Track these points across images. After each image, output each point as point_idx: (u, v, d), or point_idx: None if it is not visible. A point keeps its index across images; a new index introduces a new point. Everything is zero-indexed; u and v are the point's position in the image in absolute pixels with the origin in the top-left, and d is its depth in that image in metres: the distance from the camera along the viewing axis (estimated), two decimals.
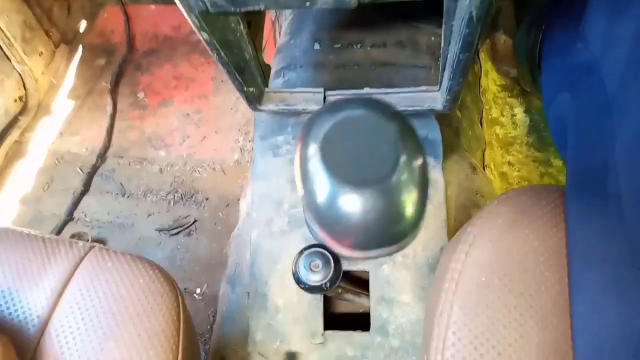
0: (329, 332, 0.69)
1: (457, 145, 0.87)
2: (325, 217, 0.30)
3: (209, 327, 1.00)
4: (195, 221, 1.14)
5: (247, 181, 1.09)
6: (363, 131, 0.27)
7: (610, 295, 0.41)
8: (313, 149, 0.27)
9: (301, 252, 0.56)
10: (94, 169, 1.23)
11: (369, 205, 0.27)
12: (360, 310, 0.80)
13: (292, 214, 0.75)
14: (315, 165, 0.27)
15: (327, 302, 0.73)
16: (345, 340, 0.69)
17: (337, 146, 0.27)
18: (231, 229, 1.00)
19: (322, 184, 0.28)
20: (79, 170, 1.24)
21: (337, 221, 0.29)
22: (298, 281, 0.55)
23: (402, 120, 0.28)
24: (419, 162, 0.28)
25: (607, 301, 0.41)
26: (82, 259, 0.53)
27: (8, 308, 0.49)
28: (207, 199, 1.18)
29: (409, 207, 0.28)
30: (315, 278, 0.55)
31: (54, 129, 1.32)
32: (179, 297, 0.51)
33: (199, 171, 1.21)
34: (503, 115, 1.18)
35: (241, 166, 1.21)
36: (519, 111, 1.19)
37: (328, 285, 0.55)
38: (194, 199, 1.18)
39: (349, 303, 0.80)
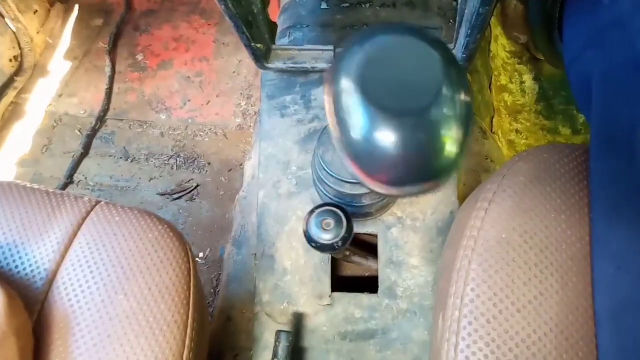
0: (336, 294, 0.69)
1: None
2: (361, 151, 0.28)
3: (212, 290, 1.00)
4: (197, 185, 1.13)
5: (250, 145, 1.07)
6: (402, 58, 0.25)
7: (634, 253, 0.40)
8: (347, 80, 0.26)
9: (312, 211, 0.55)
10: (94, 131, 1.21)
11: (408, 136, 0.25)
12: (367, 274, 0.79)
13: (300, 176, 0.74)
14: (351, 97, 0.26)
15: (334, 265, 0.72)
16: (353, 302, 0.68)
17: (374, 75, 0.25)
18: (234, 194, 0.99)
19: (358, 116, 0.26)
20: (78, 133, 1.21)
21: (373, 155, 0.27)
22: (309, 239, 0.54)
23: (444, 47, 0.26)
24: (463, 93, 0.27)
25: (631, 260, 0.40)
26: (88, 212, 0.51)
27: (14, 261, 0.48)
28: (209, 163, 1.16)
29: (451, 141, 0.27)
30: (326, 236, 0.54)
31: (51, 90, 1.28)
32: (189, 253, 0.50)
33: (200, 135, 1.19)
34: (512, 82, 1.16)
35: (243, 131, 1.19)
36: (527, 78, 1.16)
37: (340, 244, 0.54)
38: (196, 163, 1.16)
39: (356, 266, 0.79)
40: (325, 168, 0.62)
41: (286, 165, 0.74)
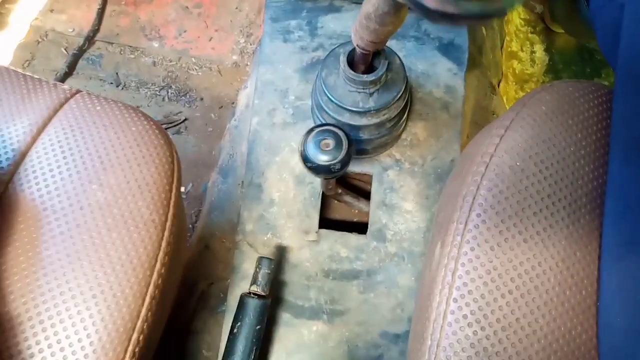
0: (323, 231, 0.66)
1: (480, 62, 0.81)
2: None
3: (190, 226, 0.96)
4: (185, 119, 1.08)
5: (243, 83, 1.02)
6: None
7: None
8: None
9: (312, 130, 0.51)
10: (81, 51, 1.14)
11: None
12: (356, 220, 0.76)
13: (298, 106, 0.69)
14: None
15: (324, 204, 0.69)
16: (340, 241, 0.65)
17: None
18: (222, 132, 0.94)
19: None
20: (64, 51, 1.14)
21: None
22: (305, 159, 0.50)
23: None
24: None
25: None
26: (67, 99, 0.46)
27: None
28: (201, 98, 1.10)
29: None
30: (324, 158, 0.50)
31: (39, 4, 1.20)
32: (174, 154, 0.46)
33: (195, 69, 1.13)
34: (522, 51, 1.12)
35: (239, 69, 1.13)
36: (539, 49, 1.13)
37: (338, 167, 0.50)
38: (187, 97, 1.10)
39: (346, 210, 0.76)
40: (327, 92, 0.58)
41: (284, 93, 0.70)
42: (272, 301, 0.61)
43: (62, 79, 1.10)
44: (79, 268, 0.39)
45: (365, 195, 0.70)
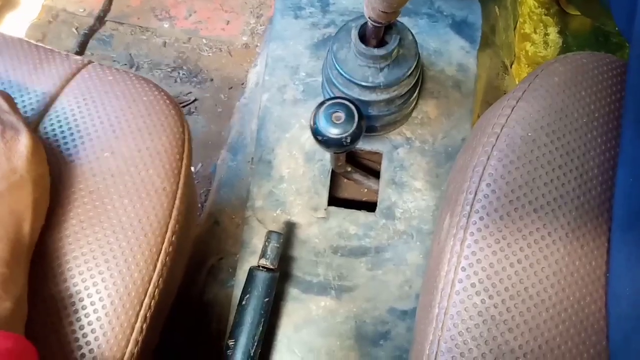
0: (332, 208, 0.66)
1: (492, 41, 0.80)
2: None
3: (200, 205, 0.96)
4: (195, 100, 1.08)
5: (253, 62, 1.01)
6: None
7: None
8: None
9: (323, 103, 0.51)
10: (91, 31, 1.14)
11: None
12: (365, 199, 0.76)
13: (308, 83, 0.69)
14: None
15: (333, 183, 0.69)
16: (349, 218, 0.65)
17: None
18: (231, 112, 0.94)
19: None
20: (75, 31, 1.15)
21: None
22: (316, 132, 0.50)
23: None
24: None
25: None
26: (79, 69, 0.47)
27: None
28: (211, 79, 1.11)
29: None
30: (335, 131, 0.50)
31: None
32: (185, 124, 0.46)
33: (205, 50, 1.13)
34: (536, 33, 1.10)
35: (249, 50, 1.13)
36: (552, 31, 1.11)
37: (349, 140, 0.50)
38: (198, 77, 1.10)
39: (355, 189, 0.76)
40: (337, 66, 0.57)
41: (295, 70, 0.70)
42: (281, 276, 0.61)
43: None
44: (92, 234, 0.39)
45: (375, 174, 0.70)
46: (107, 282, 0.39)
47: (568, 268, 0.38)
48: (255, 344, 0.53)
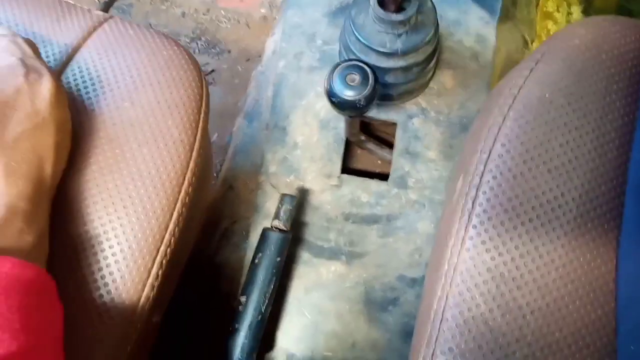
0: (345, 176, 0.66)
1: (513, 15, 0.79)
2: None
3: (215, 174, 0.98)
4: (212, 70, 1.09)
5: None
6: None
7: None
8: None
9: (337, 64, 0.51)
10: (112, 0, 1.15)
11: None
12: (378, 171, 0.77)
13: (325, 51, 0.69)
14: None
15: (347, 152, 0.69)
16: (362, 186, 0.66)
17: None
18: (249, 84, 0.95)
19: None
20: (96, 0, 1.16)
21: None
22: (330, 94, 0.51)
23: None
24: None
25: None
26: (101, 23, 0.47)
27: None
28: (229, 51, 1.11)
29: None
30: (350, 93, 0.50)
31: None
32: (203, 80, 0.47)
33: (224, 22, 1.13)
34: (558, 11, 1.08)
35: (267, 22, 1.13)
36: (575, 10, 1.09)
37: (363, 103, 0.50)
38: (216, 49, 1.11)
39: (368, 160, 0.76)
40: (355, 32, 0.57)
41: (311, 37, 0.70)
42: (293, 241, 0.62)
43: None
44: (111, 180, 0.41)
45: (389, 145, 0.70)
46: (125, 227, 0.40)
47: (579, 229, 0.38)
48: (266, 301, 0.55)
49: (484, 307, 0.37)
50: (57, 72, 0.44)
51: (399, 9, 0.55)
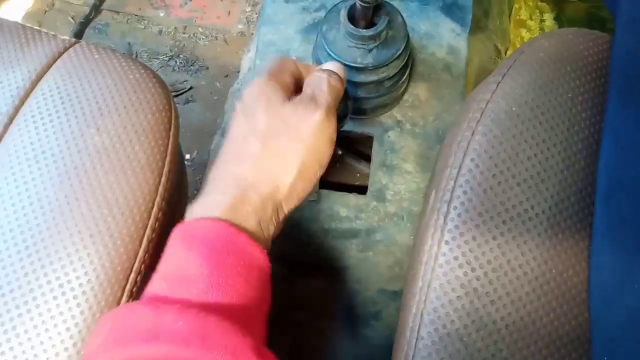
0: (323, 191, 0.66)
1: (485, 25, 0.80)
2: None
3: (195, 191, 0.97)
4: (191, 88, 1.08)
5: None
6: None
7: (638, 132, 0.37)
8: None
9: None
10: (88, 20, 1.14)
11: None
12: (357, 183, 0.76)
13: None
14: None
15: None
16: (340, 201, 0.66)
17: None
18: (226, 101, 0.95)
19: None
20: (71, 20, 1.15)
21: None
22: None
23: None
24: None
25: (634, 139, 0.37)
26: (66, 49, 0.47)
27: None
28: (207, 67, 1.11)
29: None
30: None
31: None
32: (171, 102, 0.46)
33: (201, 38, 1.13)
34: (531, 19, 1.10)
35: (245, 38, 1.13)
36: (548, 17, 1.11)
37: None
38: (195, 66, 1.10)
39: (346, 175, 0.76)
40: (326, 47, 0.57)
41: (285, 54, 0.69)
42: (272, 258, 0.61)
43: None
44: (76, 208, 0.40)
45: (366, 158, 0.70)
46: (93, 258, 0.39)
47: (551, 240, 0.38)
48: None
49: (458, 323, 0.37)
50: (22, 99, 0.44)
51: (370, 25, 0.55)
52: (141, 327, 0.30)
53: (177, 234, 0.37)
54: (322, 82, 0.44)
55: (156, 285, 0.34)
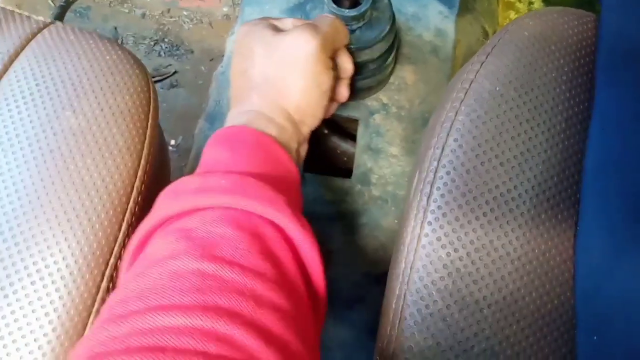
0: (308, 175, 0.65)
1: (473, 7, 0.79)
2: None
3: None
4: (175, 72, 1.06)
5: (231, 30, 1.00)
6: None
7: (618, 114, 0.37)
8: None
9: None
10: (68, 3, 1.11)
11: None
12: (345, 158, 0.76)
13: None
14: None
15: (310, 149, 0.68)
16: (325, 184, 0.65)
17: None
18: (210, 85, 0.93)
19: None
20: (51, 3, 1.12)
21: None
22: None
23: None
24: None
25: (614, 120, 0.37)
26: (40, 29, 0.45)
27: None
28: (191, 51, 1.09)
29: None
30: None
31: None
32: (150, 84, 0.45)
33: (186, 21, 1.11)
34: (520, 1, 1.09)
35: (230, 21, 1.11)
36: (537, 0, 1.10)
37: None
38: (180, 50, 1.08)
39: (332, 155, 0.76)
40: None
41: None
42: None
43: None
44: (52, 192, 0.39)
45: (353, 137, 0.69)
46: (71, 242, 0.38)
47: (534, 220, 0.38)
48: None
49: (441, 303, 0.37)
50: None
51: (354, 5, 0.54)
52: (190, 187, 0.34)
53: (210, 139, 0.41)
54: (326, 18, 0.47)
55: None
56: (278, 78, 0.42)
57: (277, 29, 0.45)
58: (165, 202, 0.35)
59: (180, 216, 0.33)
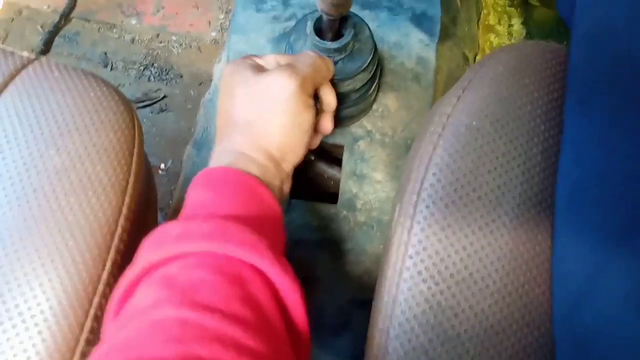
0: (294, 201, 0.66)
1: (453, 33, 0.81)
2: None
3: (170, 202, 0.96)
4: (165, 96, 1.07)
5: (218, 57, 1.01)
6: None
7: (588, 143, 0.38)
8: None
9: None
10: (57, 28, 1.12)
11: None
12: (331, 183, 0.77)
13: None
14: None
15: (296, 176, 0.69)
16: (311, 210, 0.66)
17: None
18: (198, 112, 0.94)
19: None
20: (39, 29, 1.13)
21: None
22: None
23: None
24: None
25: (584, 149, 0.38)
26: (24, 66, 0.46)
27: None
28: (180, 75, 1.10)
29: None
30: None
31: None
32: (135, 120, 0.46)
33: (175, 46, 1.12)
34: (500, 24, 1.12)
35: (218, 46, 1.12)
36: (516, 22, 1.13)
37: None
38: (169, 74, 1.09)
39: (318, 181, 0.76)
40: None
41: None
42: None
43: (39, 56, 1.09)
44: (36, 232, 0.39)
45: (339, 163, 0.70)
46: (54, 283, 0.38)
47: (512, 253, 0.39)
48: None
49: (423, 337, 0.37)
50: None
51: (337, 37, 0.56)
52: (173, 233, 0.35)
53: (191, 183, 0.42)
54: (308, 57, 0.48)
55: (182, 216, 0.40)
56: (259, 119, 0.43)
57: (259, 69, 0.46)
58: (149, 250, 0.35)
59: (164, 262, 0.34)
